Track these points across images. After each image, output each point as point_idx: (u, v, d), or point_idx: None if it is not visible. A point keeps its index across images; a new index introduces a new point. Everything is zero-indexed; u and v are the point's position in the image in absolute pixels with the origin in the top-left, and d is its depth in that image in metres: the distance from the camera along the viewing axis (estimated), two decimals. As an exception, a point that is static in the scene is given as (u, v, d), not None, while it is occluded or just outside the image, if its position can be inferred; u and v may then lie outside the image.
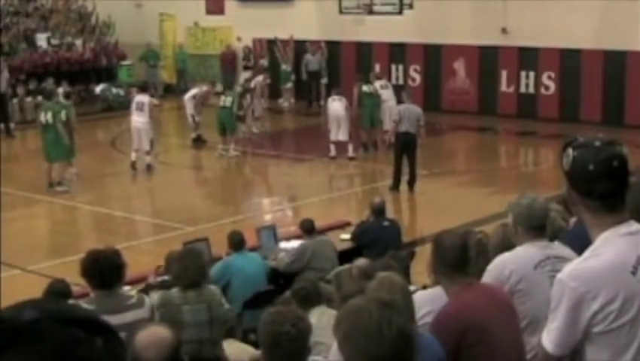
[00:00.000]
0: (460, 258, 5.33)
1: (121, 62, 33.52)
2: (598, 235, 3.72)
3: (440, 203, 17.57)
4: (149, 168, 20.79)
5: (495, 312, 5.21)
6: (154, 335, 4.66)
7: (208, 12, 33.96)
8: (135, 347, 4.56)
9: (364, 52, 30.15)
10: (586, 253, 3.72)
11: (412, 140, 18.07)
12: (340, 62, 30.79)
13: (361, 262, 9.38)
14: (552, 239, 5.95)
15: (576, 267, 3.71)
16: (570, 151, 3.75)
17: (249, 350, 7.94)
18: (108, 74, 32.97)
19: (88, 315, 1.72)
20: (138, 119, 21.04)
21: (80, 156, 19.95)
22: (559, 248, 5.82)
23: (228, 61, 32.95)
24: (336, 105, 21.93)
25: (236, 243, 11.24)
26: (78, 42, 33.32)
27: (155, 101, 23.26)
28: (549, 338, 3.75)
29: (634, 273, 3.61)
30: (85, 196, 18.80)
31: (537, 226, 5.74)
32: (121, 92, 30.59)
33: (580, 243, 4.11)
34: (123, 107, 27.23)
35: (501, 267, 5.71)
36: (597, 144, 3.70)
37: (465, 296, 5.25)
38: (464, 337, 5.11)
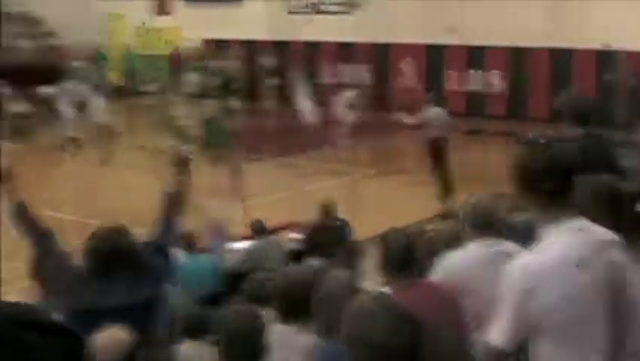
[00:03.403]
0: (405, 257, 5.36)
1: (70, 64, 33.19)
2: (545, 230, 3.75)
3: (391, 202, 17.61)
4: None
5: (438, 311, 5.21)
6: (111, 337, 4.62)
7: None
8: (91, 349, 4.51)
9: (312, 52, 30.17)
10: (533, 249, 3.76)
11: None
12: (289, 62, 30.76)
13: (311, 262, 9.38)
14: (500, 236, 6.00)
15: (523, 262, 3.75)
16: (517, 149, 3.79)
17: (206, 350, 7.91)
18: (55, 76, 32.59)
19: (46, 319, 1.70)
20: None
21: (29, 156, 19.76)
22: (507, 245, 5.87)
23: (176, 62, 32.79)
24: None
25: (186, 244, 11.19)
26: (26, 44, 33.00)
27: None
28: (496, 333, 3.78)
29: (580, 267, 3.64)
30: (31, 198, 18.57)
31: (484, 224, 5.78)
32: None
33: (528, 239, 4.15)
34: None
35: (451, 265, 5.74)
36: (543, 141, 3.74)
37: (407, 295, 5.24)
38: None
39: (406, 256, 5.38)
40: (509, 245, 5.88)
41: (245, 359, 4.90)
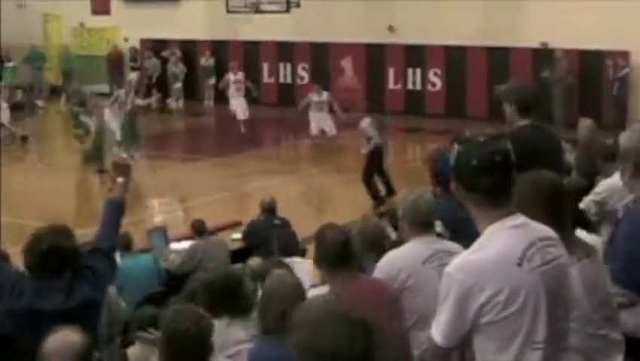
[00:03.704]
0: (341, 253, 5.39)
1: (5, 64, 32.75)
2: (484, 228, 3.77)
3: (331, 200, 17.65)
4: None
5: (375, 306, 5.21)
6: (63, 340, 4.57)
7: (94, 12, 33.47)
8: (44, 353, 4.49)
9: (252, 51, 30.12)
10: (473, 246, 3.78)
11: None
12: (228, 61, 30.68)
13: (254, 261, 9.37)
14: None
15: (463, 260, 3.77)
16: (455, 146, 3.81)
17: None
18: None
19: None
20: None
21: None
22: (446, 243, 5.91)
23: (115, 62, 32.53)
24: None
25: (124, 245, 11.10)
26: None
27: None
28: (437, 331, 3.79)
29: (519, 265, 3.67)
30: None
31: (423, 222, 5.81)
32: (6, 93, 29.92)
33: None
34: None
35: (390, 264, 5.76)
36: (481, 139, 3.75)
37: (344, 289, 5.26)
38: None
39: (343, 252, 5.40)
40: (448, 243, 5.93)
41: (188, 360, 4.88)
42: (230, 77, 25.66)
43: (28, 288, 5.50)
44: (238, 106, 24.86)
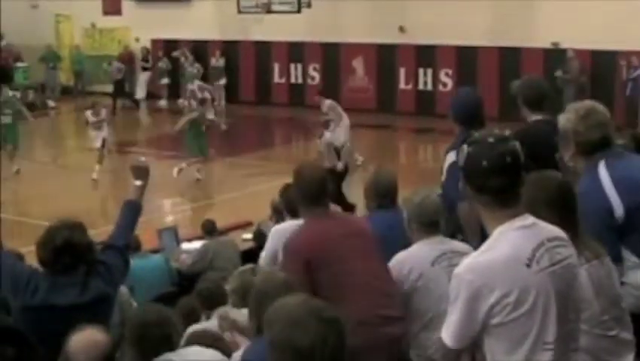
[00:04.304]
0: (318, 190, 5.60)
1: (16, 64, 32.84)
2: (493, 229, 3.78)
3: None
4: None
5: (347, 241, 5.50)
6: (88, 339, 4.58)
7: (106, 13, 33.56)
8: (68, 351, 4.51)
9: (263, 51, 30.15)
10: (483, 247, 3.78)
11: None
12: (239, 62, 30.72)
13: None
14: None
15: (472, 261, 3.77)
16: (465, 147, 3.81)
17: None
18: (3, 77, 32.23)
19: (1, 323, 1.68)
20: None
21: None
22: (453, 243, 5.91)
23: (126, 62, 32.61)
24: None
25: (134, 246, 11.11)
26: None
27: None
28: (447, 332, 3.80)
29: (529, 265, 3.67)
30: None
31: (430, 223, 5.81)
32: (17, 94, 29.98)
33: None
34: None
35: (400, 264, 5.76)
36: (491, 140, 3.76)
37: (316, 226, 5.57)
38: (310, 264, 5.34)
39: (320, 189, 5.62)
40: (456, 243, 5.93)
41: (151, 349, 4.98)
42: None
43: (42, 284, 5.51)
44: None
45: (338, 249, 5.45)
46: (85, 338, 4.58)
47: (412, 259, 5.76)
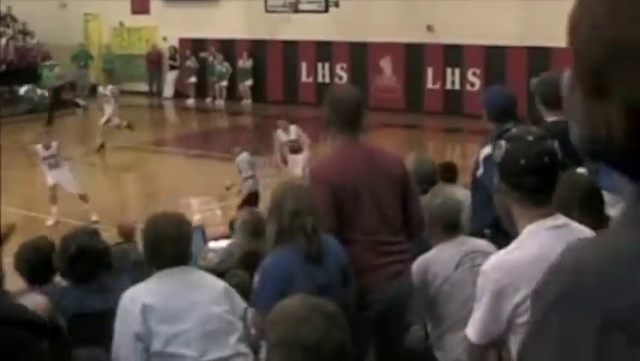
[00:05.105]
0: (353, 111, 5.59)
1: (44, 63, 32.96)
2: (524, 227, 3.75)
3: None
4: None
5: (367, 172, 5.50)
6: (29, 304, 4.57)
7: (134, 12, 33.70)
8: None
9: (290, 50, 30.17)
10: (511, 245, 3.76)
11: None
12: (267, 61, 30.76)
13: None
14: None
15: (499, 258, 3.76)
16: (502, 143, 3.77)
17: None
18: (32, 76, 32.42)
19: (34, 317, 1.68)
20: None
21: (4, 159, 19.59)
22: (474, 241, 5.86)
23: (154, 61, 32.73)
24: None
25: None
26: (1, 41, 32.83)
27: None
28: (472, 328, 3.80)
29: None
30: (10, 199, 18.47)
31: (451, 225, 5.77)
32: (46, 93, 30.14)
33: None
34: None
35: (424, 269, 5.74)
36: (529, 138, 3.72)
37: (342, 153, 5.61)
38: (335, 188, 5.37)
39: (356, 112, 5.60)
40: (478, 241, 5.88)
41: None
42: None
43: (68, 296, 5.53)
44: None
45: (356, 179, 5.45)
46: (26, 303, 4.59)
47: (436, 264, 5.72)
